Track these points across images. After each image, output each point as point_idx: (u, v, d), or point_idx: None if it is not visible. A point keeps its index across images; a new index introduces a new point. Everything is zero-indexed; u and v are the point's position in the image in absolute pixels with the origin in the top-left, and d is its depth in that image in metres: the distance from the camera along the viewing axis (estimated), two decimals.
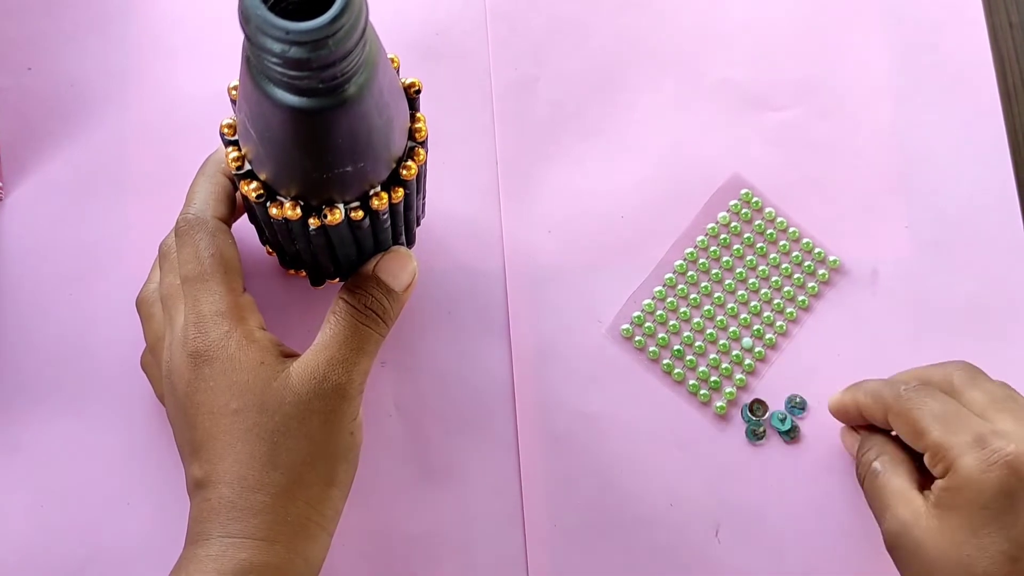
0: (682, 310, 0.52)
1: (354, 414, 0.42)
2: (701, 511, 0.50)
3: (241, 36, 0.33)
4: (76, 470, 0.48)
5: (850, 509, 0.50)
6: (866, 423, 0.47)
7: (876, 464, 0.44)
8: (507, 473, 0.50)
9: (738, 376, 0.51)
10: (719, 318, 0.52)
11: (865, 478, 0.45)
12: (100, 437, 0.49)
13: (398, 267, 0.44)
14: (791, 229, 0.53)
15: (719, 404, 0.51)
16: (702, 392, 0.51)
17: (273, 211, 0.39)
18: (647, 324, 0.52)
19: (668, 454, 0.50)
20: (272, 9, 0.32)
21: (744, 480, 0.50)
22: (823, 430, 0.50)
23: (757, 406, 0.51)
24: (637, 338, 0.51)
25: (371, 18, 0.33)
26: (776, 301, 0.52)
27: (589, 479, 0.50)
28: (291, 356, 0.43)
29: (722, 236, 0.53)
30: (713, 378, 0.51)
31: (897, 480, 0.43)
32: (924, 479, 0.43)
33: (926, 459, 0.43)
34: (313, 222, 0.40)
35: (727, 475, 0.50)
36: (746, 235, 0.53)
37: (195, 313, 0.42)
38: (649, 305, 0.52)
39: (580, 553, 0.49)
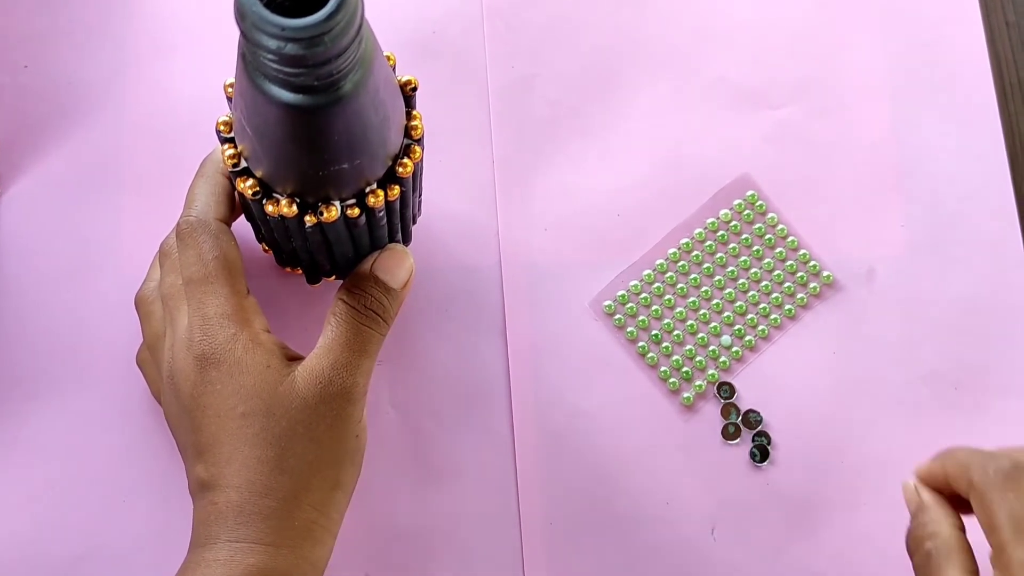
0: (667, 297, 0.52)
1: (359, 416, 0.42)
2: (697, 509, 0.50)
3: (238, 33, 0.33)
4: (72, 467, 0.48)
5: (847, 507, 0.50)
6: (949, 490, 0.42)
7: (929, 545, 0.41)
8: (503, 470, 0.50)
9: (711, 371, 0.51)
10: (702, 312, 0.52)
11: (916, 553, 0.41)
12: (97, 434, 0.49)
13: (395, 265, 0.44)
14: (790, 238, 0.53)
15: (686, 395, 0.51)
16: (672, 380, 0.51)
17: (269, 208, 0.39)
18: (630, 304, 0.52)
19: (666, 453, 0.50)
20: (268, 6, 0.32)
21: (741, 479, 0.50)
22: (823, 431, 0.50)
23: (725, 389, 0.51)
24: (617, 316, 0.51)
25: (367, 15, 0.33)
26: (762, 306, 0.52)
27: (585, 476, 0.50)
28: (296, 359, 0.42)
29: (720, 232, 0.53)
30: (685, 368, 0.51)
31: (950, 571, 0.39)
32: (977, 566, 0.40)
33: (990, 556, 0.39)
34: (309, 220, 0.40)
35: (724, 474, 0.50)
36: (744, 236, 0.53)
37: (200, 316, 0.41)
38: (635, 286, 0.52)
39: (576, 549, 0.49)
